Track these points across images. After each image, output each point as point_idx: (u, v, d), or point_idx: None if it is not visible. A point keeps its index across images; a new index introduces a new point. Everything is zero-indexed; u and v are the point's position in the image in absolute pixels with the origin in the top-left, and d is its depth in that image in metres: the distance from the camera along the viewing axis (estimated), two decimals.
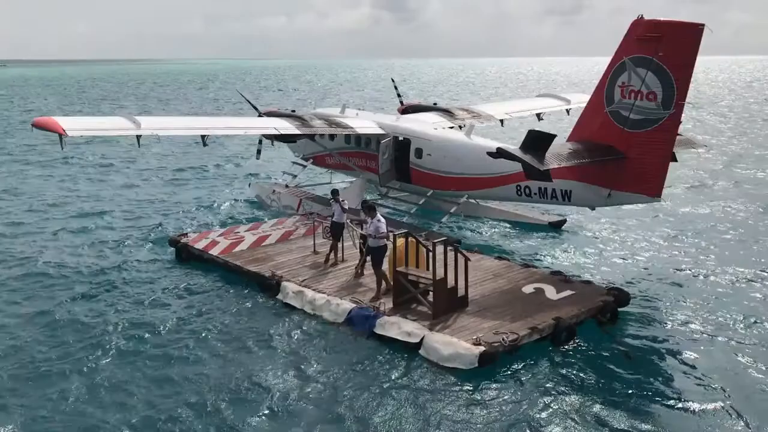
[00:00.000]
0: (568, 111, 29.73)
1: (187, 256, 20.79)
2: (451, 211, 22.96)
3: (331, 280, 17.73)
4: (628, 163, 18.12)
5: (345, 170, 27.22)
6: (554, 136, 17.72)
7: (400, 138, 24.23)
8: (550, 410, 12.24)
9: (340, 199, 19.09)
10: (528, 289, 16.80)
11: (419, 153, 23.62)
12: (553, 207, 23.74)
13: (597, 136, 18.60)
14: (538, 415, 12.10)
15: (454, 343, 13.69)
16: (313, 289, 17.01)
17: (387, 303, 15.77)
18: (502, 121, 27.76)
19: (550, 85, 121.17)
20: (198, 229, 24.06)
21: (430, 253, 15.80)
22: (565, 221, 23.91)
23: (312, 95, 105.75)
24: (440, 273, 15.13)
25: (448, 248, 15.38)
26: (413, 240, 16.48)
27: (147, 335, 15.73)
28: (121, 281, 19.33)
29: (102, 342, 15.37)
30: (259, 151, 25.89)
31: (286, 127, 22.73)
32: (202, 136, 20.99)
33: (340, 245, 19.05)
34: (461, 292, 15.58)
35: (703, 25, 16.83)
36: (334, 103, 33.66)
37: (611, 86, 18.33)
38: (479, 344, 13.56)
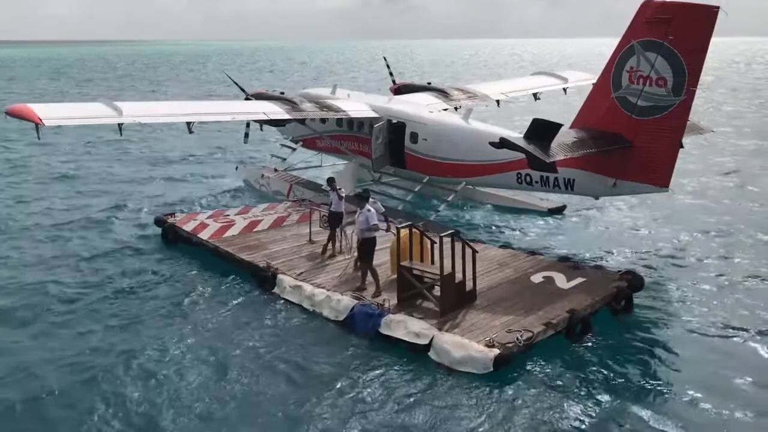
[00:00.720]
0: (565, 90, 29.09)
1: (174, 238, 20.03)
2: (449, 199, 22.26)
3: (330, 273, 16.97)
4: (635, 151, 17.52)
5: (336, 154, 26.36)
6: (560, 125, 17.07)
7: (394, 121, 23.42)
8: (573, 416, 11.67)
9: (337, 188, 18.29)
10: (537, 278, 16.22)
11: (414, 138, 22.83)
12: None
13: (602, 123, 17.96)
14: (560, 423, 11.54)
15: (466, 345, 13.06)
16: (312, 284, 16.28)
17: (391, 299, 15.10)
18: (498, 101, 27.01)
19: (547, 66, 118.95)
20: (184, 210, 23.20)
21: (435, 246, 15.23)
22: (565, 207, 23.38)
23: (306, 76, 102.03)
24: (447, 267, 14.49)
25: (455, 240, 14.67)
26: (416, 232, 15.85)
27: (130, 328, 15.05)
28: (104, 265, 18.64)
29: (81, 338, 14.66)
30: (246, 135, 24.91)
31: (276, 111, 21.78)
32: (188, 123, 20.01)
33: (337, 236, 18.32)
34: (469, 286, 14.96)
35: (717, 7, 16.17)
36: (328, 84, 32.88)
37: (618, 71, 17.67)
38: (493, 346, 12.94)
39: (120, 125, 18.49)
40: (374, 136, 23.04)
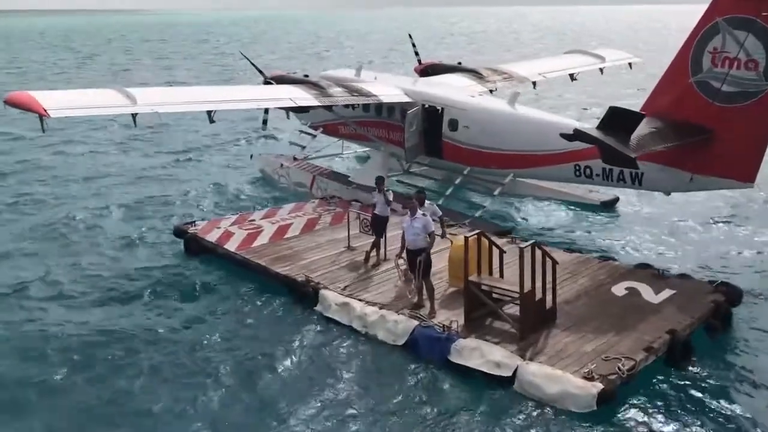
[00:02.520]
0: (601, 70, 27.01)
1: (197, 249, 17.87)
2: (495, 192, 20.21)
3: (379, 286, 14.97)
4: (717, 142, 15.53)
5: (361, 141, 24.21)
6: (642, 115, 15.11)
7: (428, 106, 21.30)
8: None
9: (385, 189, 16.22)
10: (618, 289, 14.29)
11: (454, 125, 20.71)
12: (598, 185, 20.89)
13: (678, 111, 15.91)
14: None
15: (560, 379, 11.13)
16: (361, 300, 14.29)
17: (456, 318, 13.14)
18: (534, 83, 24.92)
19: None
20: (203, 214, 21.06)
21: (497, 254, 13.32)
22: (618, 200, 21.42)
23: (319, 50, 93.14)
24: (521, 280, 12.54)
25: (523, 248, 12.60)
26: (473, 239, 13.92)
27: (160, 356, 13.12)
28: (122, 284, 16.40)
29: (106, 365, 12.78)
30: (264, 121, 22.68)
31: (304, 97, 19.61)
32: (209, 112, 17.83)
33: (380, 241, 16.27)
34: (549, 303, 13.02)
35: None
36: (345, 62, 30.65)
37: (699, 52, 15.59)
38: (592, 378, 11.04)
39: (134, 115, 16.33)
40: (408, 123, 20.93)
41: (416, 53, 26.65)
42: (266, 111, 22.24)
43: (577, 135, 15.42)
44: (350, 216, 17.41)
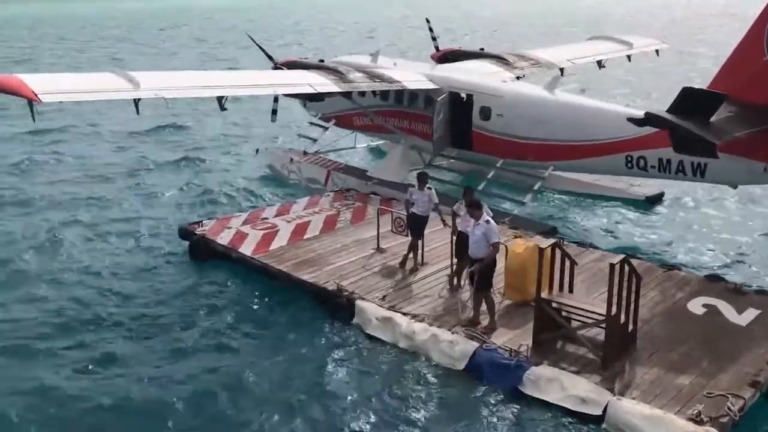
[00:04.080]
0: (629, 57, 25.20)
1: (206, 253, 15.90)
2: (535, 187, 18.40)
3: (423, 297, 13.15)
4: None
5: (379, 133, 22.24)
6: (722, 96, 13.36)
7: (457, 94, 19.39)
8: None
9: (428, 186, 14.30)
10: (695, 306, 12.56)
11: (486, 113, 18.81)
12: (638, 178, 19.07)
13: (751, 93, 14.28)
14: None
15: (663, 421, 9.35)
16: (406, 314, 12.44)
17: (520, 339, 11.36)
18: (562, 69, 23.04)
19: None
20: (209, 213, 19.04)
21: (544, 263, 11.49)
22: (663, 194, 19.72)
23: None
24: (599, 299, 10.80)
25: (615, 264, 10.83)
26: (531, 245, 12.20)
27: (171, 384, 11.26)
28: (121, 301, 14.22)
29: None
30: (274, 111, 20.59)
31: (323, 83, 17.61)
32: (219, 98, 15.82)
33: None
34: (630, 325, 11.25)
35: None
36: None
37: None
38: (701, 422, 9.28)
39: (137, 101, 14.30)
40: (436, 112, 19.04)
41: (433, 38, 24.60)
42: (276, 99, 20.11)
43: (649, 119, 13.68)
44: (380, 213, 15.48)
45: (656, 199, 19.55)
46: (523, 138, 18.31)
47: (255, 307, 13.83)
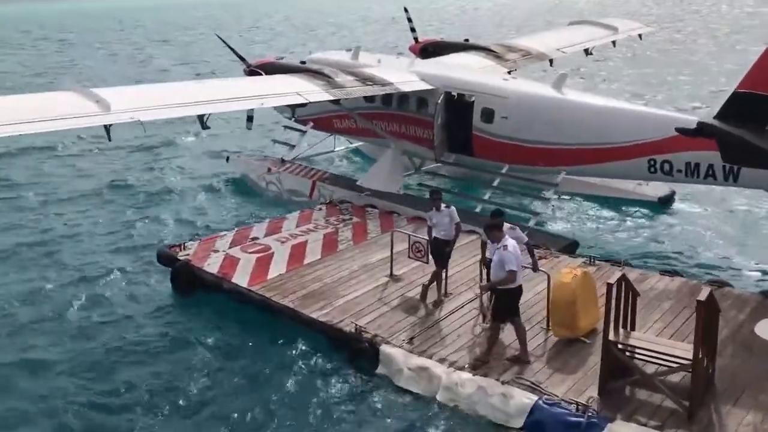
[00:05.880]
0: (614, 43, 24.09)
1: (191, 283, 13.89)
2: (547, 195, 16.95)
3: (457, 338, 11.45)
4: None
5: (364, 137, 20.42)
6: None
7: (454, 94, 17.77)
8: None
9: (446, 205, 12.58)
10: (764, 331, 11.25)
11: (489, 115, 17.19)
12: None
13: None
14: None
15: None
16: (443, 361, 10.77)
17: (582, 386, 9.88)
18: (551, 60, 21.71)
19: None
20: (187, 230, 16.92)
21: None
22: (674, 194, 18.56)
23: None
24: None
25: (702, 301, 9.35)
26: (585, 273, 10.77)
27: None
28: (93, 352, 12.09)
29: None
30: (250, 118, 18.50)
31: (312, 90, 15.70)
32: (200, 117, 13.79)
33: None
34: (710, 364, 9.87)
35: None
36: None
37: None
38: None
39: (107, 127, 12.17)
40: (437, 115, 17.39)
41: (412, 29, 22.86)
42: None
43: (702, 129, 12.34)
44: (393, 236, 13.73)
45: (668, 200, 18.41)
46: (531, 142, 16.75)
47: (254, 351, 11.95)
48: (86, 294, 14.12)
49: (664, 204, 18.27)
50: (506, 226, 11.40)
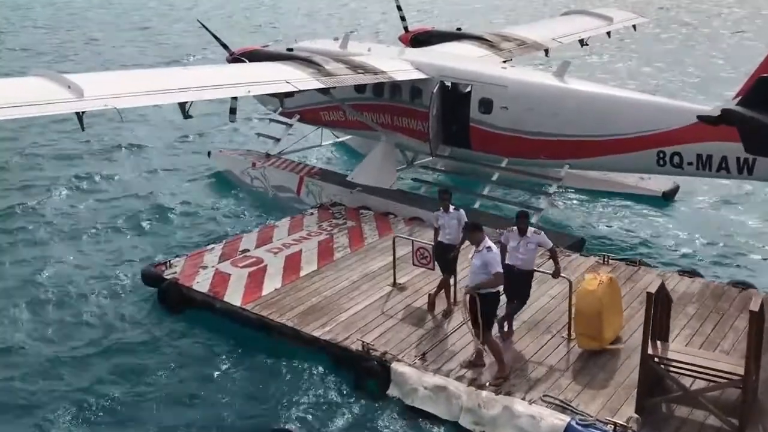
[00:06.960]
0: (608, 33, 23.32)
1: (181, 304, 12.78)
2: (551, 191, 16.15)
3: (472, 352, 10.63)
4: None
5: (354, 129, 19.37)
6: None
7: (449, 83, 16.84)
8: None
9: (455, 207, 11.66)
10: None
11: (487, 105, 16.27)
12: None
13: None
14: None
15: None
16: (461, 379, 9.92)
17: (616, 402, 9.11)
18: (547, 50, 20.88)
19: None
20: (171, 245, 15.65)
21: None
22: (678, 188, 17.90)
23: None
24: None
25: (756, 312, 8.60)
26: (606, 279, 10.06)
27: None
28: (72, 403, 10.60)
29: None
30: (233, 110, 17.37)
31: (302, 78, 14.69)
32: (182, 105, 12.72)
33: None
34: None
35: None
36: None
37: None
38: None
39: (80, 114, 11.09)
40: (432, 105, 16.45)
41: (402, 18, 21.80)
42: (235, 97, 16.94)
43: (726, 115, 11.60)
44: (395, 241, 12.76)
45: (672, 194, 17.74)
46: (533, 134, 15.88)
47: (252, 375, 10.98)
48: (67, 323, 12.74)
49: (668, 198, 17.61)
50: (530, 230, 10.61)
